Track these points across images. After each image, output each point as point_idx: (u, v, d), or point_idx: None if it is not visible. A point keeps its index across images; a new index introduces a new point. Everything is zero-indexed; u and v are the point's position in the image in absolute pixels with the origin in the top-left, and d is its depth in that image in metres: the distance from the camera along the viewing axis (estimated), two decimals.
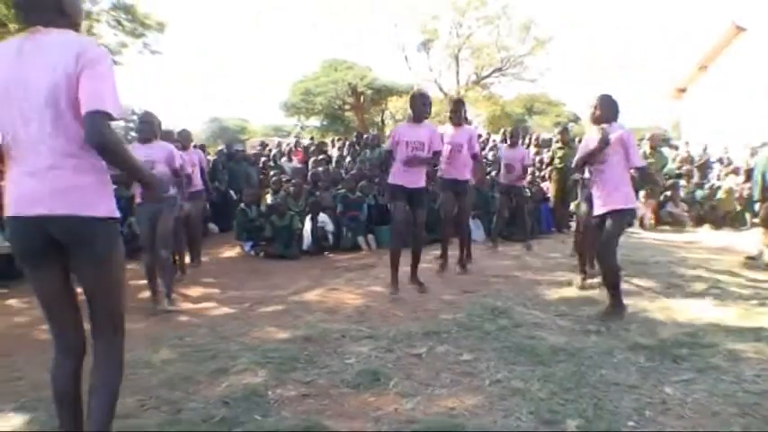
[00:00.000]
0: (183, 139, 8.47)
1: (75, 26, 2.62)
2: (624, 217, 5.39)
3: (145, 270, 6.32)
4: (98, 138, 2.36)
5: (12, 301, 7.07)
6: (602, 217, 5.39)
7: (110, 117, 2.38)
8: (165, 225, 6.28)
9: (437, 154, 6.62)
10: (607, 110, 5.45)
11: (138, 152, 5.66)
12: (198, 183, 8.58)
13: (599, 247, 5.50)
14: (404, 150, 6.33)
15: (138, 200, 6.38)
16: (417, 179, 6.41)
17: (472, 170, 7.75)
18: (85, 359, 2.71)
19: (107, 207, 2.53)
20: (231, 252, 10.12)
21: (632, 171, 5.47)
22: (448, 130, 7.59)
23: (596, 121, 5.48)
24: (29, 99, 2.40)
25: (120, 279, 2.68)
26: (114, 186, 2.76)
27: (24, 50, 2.43)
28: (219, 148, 16.07)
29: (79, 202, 2.44)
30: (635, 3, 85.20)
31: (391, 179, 6.50)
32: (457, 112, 7.57)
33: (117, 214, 2.61)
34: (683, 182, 13.33)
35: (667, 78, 22.83)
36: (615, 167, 5.30)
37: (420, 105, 6.48)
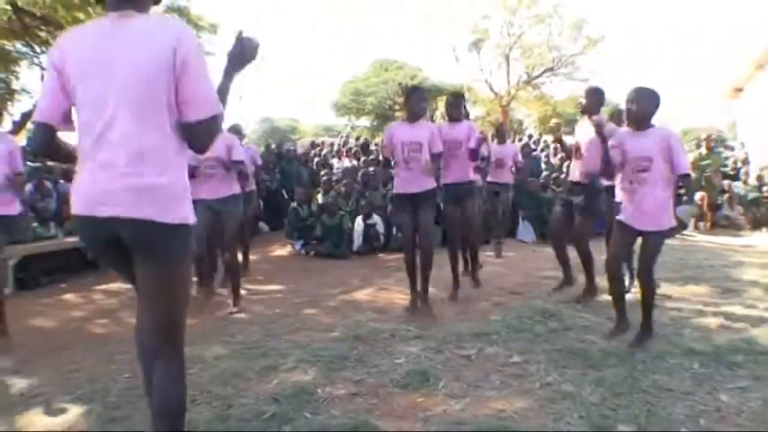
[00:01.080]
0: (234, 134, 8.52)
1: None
2: (664, 238, 4.65)
3: (195, 268, 5.90)
4: (206, 148, 2.37)
5: (68, 296, 7.28)
6: (640, 232, 4.60)
7: (218, 118, 2.35)
8: (232, 228, 6.09)
9: (438, 156, 5.87)
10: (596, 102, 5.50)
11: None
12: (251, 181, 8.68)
13: (641, 268, 4.62)
14: (399, 153, 5.75)
15: (199, 195, 5.73)
16: (421, 180, 5.73)
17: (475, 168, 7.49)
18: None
19: (184, 212, 2.36)
20: (282, 251, 10.23)
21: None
22: (443, 127, 6.55)
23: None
24: (115, 88, 2.23)
25: (186, 292, 2.52)
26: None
27: (115, 34, 2.27)
28: (267, 144, 16.24)
29: (156, 205, 2.26)
30: (689, 2, 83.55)
31: (395, 188, 6.03)
32: (456, 107, 6.61)
33: (193, 219, 2.42)
34: (739, 184, 13.00)
35: (723, 77, 22.33)
36: (658, 174, 4.50)
37: (416, 102, 5.89)
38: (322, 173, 12.78)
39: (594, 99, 5.78)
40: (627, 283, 6.53)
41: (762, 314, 5.33)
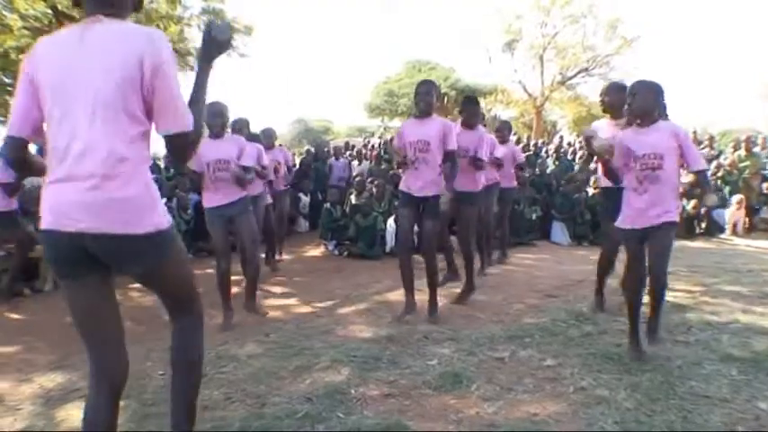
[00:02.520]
0: (266, 138, 8.60)
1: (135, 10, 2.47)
2: (673, 232, 4.34)
3: (218, 279, 5.77)
4: (184, 160, 2.36)
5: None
6: (646, 230, 4.28)
7: (191, 132, 2.27)
8: (249, 228, 5.87)
9: (450, 154, 5.47)
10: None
11: (209, 149, 5.41)
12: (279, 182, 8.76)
13: (653, 264, 4.27)
14: (409, 152, 5.47)
15: (206, 203, 5.77)
16: (428, 184, 5.45)
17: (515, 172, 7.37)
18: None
19: (154, 220, 2.28)
20: (315, 251, 10.28)
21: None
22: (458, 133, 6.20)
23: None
24: (82, 97, 2.17)
25: (184, 276, 2.55)
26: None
27: (83, 42, 2.20)
28: (306, 148, 16.35)
29: (124, 217, 2.20)
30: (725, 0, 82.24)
31: (401, 184, 5.77)
32: (470, 113, 6.46)
33: (166, 223, 2.34)
34: None
35: (761, 77, 21.99)
36: (671, 171, 4.27)
37: (424, 95, 5.51)
38: (355, 173, 12.82)
39: (619, 97, 5.31)
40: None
41: None
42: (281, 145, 10.71)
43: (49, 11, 14.09)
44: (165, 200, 8.45)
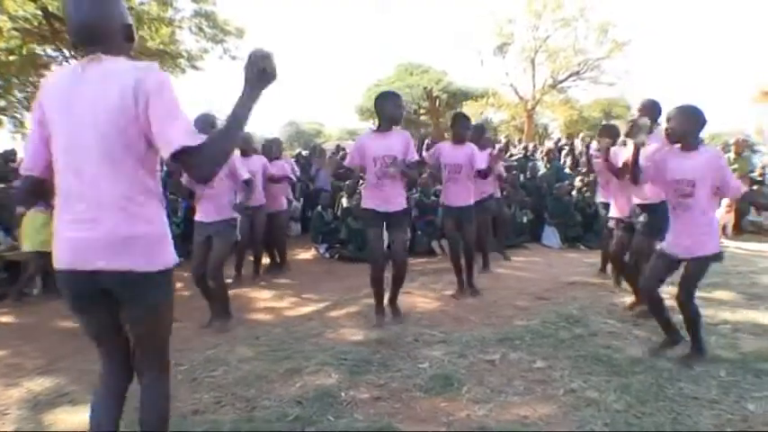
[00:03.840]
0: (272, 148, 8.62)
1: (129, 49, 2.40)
2: (708, 263, 4.32)
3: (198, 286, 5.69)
4: (203, 179, 2.22)
5: None
6: (680, 260, 4.35)
7: (196, 149, 2.13)
8: (218, 253, 5.57)
9: (416, 165, 5.41)
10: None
11: None
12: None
13: (680, 291, 4.32)
14: (372, 167, 5.29)
15: (197, 217, 5.68)
16: (394, 199, 5.36)
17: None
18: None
19: (165, 258, 2.32)
20: (306, 254, 10.25)
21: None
22: (445, 148, 6.48)
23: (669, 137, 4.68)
24: (82, 137, 2.17)
25: (169, 322, 2.50)
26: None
27: (82, 81, 2.20)
28: (298, 151, 16.33)
29: (136, 255, 2.22)
30: (717, 4, 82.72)
31: (363, 202, 5.57)
32: (461, 127, 6.42)
33: (174, 262, 2.37)
34: (766, 189, 12.81)
35: (751, 81, 22.13)
36: (703, 200, 4.22)
37: (392, 107, 5.35)
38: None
39: (651, 113, 5.24)
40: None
41: None
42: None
43: (39, 12, 14.06)
44: None
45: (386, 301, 5.68)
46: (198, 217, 5.66)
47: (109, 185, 2.17)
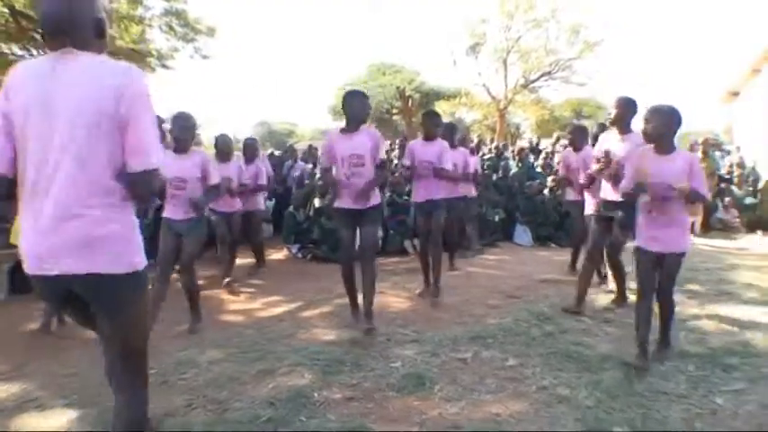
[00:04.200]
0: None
1: (103, 46, 2.37)
2: (682, 259, 4.38)
3: (153, 293, 5.32)
4: (149, 196, 2.25)
5: None
6: (654, 253, 4.36)
7: (157, 170, 2.21)
8: (191, 250, 5.47)
9: (381, 166, 5.37)
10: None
11: (170, 164, 5.15)
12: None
13: (660, 289, 4.38)
14: (341, 168, 5.30)
15: (166, 213, 5.51)
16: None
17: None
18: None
19: (134, 259, 2.28)
20: (279, 255, 10.20)
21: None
22: (417, 145, 6.58)
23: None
24: (55, 134, 2.11)
25: (144, 329, 2.47)
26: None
27: (57, 76, 2.15)
28: (270, 151, 16.22)
29: (103, 256, 2.17)
30: (687, 5, 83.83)
31: (336, 201, 5.48)
32: (432, 125, 6.54)
33: (144, 263, 2.34)
34: (733, 187, 13.03)
35: (719, 81, 22.43)
36: (676, 203, 4.29)
37: (358, 106, 5.35)
38: (317, 176, 12.75)
39: (626, 110, 5.42)
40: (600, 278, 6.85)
41: (756, 316, 5.35)
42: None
43: (6, 10, 13.84)
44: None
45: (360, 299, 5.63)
46: (166, 214, 5.51)
47: (76, 185, 2.12)
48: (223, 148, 7.48)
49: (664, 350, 4.46)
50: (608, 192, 5.48)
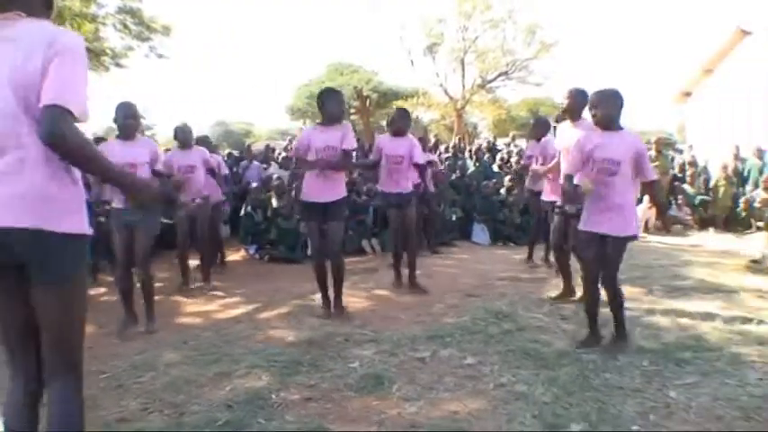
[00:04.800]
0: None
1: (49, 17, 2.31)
2: (626, 244, 4.48)
3: (119, 292, 5.54)
4: (52, 134, 2.02)
5: None
6: (598, 236, 4.44)
7: (70, 114, 2.04)
8: (144, 244, 5.44)
9: (348, 154, 5.63)
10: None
11: (118, 151, 5.19)
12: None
13: (605, 274, 4.49)
14: (314, 159, 5.59)
15: (115, 204, 5.45)
16: (331, 190, 5.61)
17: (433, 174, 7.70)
18: None
19: (78, 222, 2.19)
20: (236, 256, 10.11)
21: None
22: (385, 141, 6.84)
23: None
24: None
25: (82, 307, 2.32)
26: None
27: (2, 38, 2.10)
28: (228, 151, 16.06)
29: (47, 213, 2.09)
30: (641, 7, 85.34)
31: (302, 195, 5.74)
32: (401, 122, 6.79)
33: (88, 231, 2.25)
34: (686, 185, 13.28)
35: (672, 82, 22.83)
36: (626, 179, 4.40)
37: (332, 105, 5.65)
38: (275, 176, 12.66)
39: (577, 100, 5.66)
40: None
41: (709, 312, 5.44)
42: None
43: None
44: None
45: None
46: (116, 204, 5.41)
47: (24, 142, 2.07)
48: (183, 136, 7.34)
49: (619, 343, 4.53)
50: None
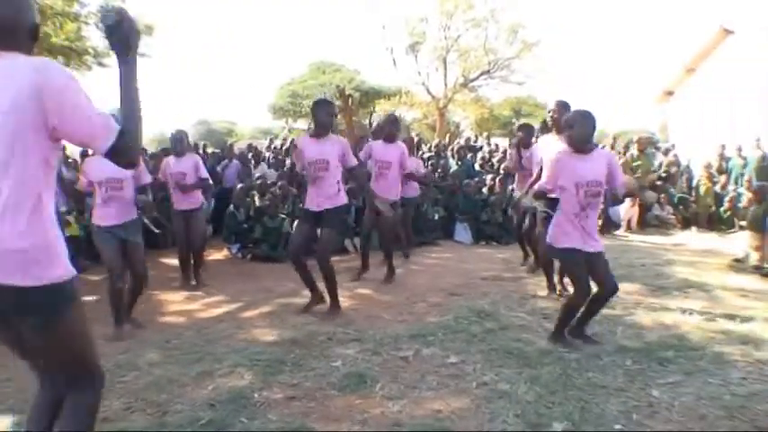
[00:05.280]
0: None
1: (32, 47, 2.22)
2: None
3: (110, 297, 5.39)
4: (130, 164, 2.15)
5: None
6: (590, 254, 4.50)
7: (118, 139, 2.04)
8: (140, 255, 5.52)
9: (352, 170, 5.88)
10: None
11: (100, 167, 5.19)
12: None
13: (608, 286, 4.54)
14: (308, 170, 5.70)
15: (97, 221, 5.41)
16: (327, 198, 5.66)
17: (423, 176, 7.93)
18: None
19: (56, 271, 2.05)
20: (218, 255, 10.06)
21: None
22: (377, 146, 7.05)
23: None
24: None
25: (81, 326, 2.23)
26: None
27: None
28: (211, 150, 15.98)
29: (23, 267, 1.97)
30: (623, 6, 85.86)
31: (305, 202, 5.94)
32: (391, 128, 7.08)
33: (69, 274, 2.11)
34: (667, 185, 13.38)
35: (655, 81, 22.97)
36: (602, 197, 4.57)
37: (324, 115, 5.67)
38: (257, 175, 12.61)
39: (563, 113, 5.51)
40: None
41: (692, 310, 5.49)
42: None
43: None
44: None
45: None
46: (103, 222, 5.37)
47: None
48: (177, 144, 7.26)
49: (577, 329, 4.67)
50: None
